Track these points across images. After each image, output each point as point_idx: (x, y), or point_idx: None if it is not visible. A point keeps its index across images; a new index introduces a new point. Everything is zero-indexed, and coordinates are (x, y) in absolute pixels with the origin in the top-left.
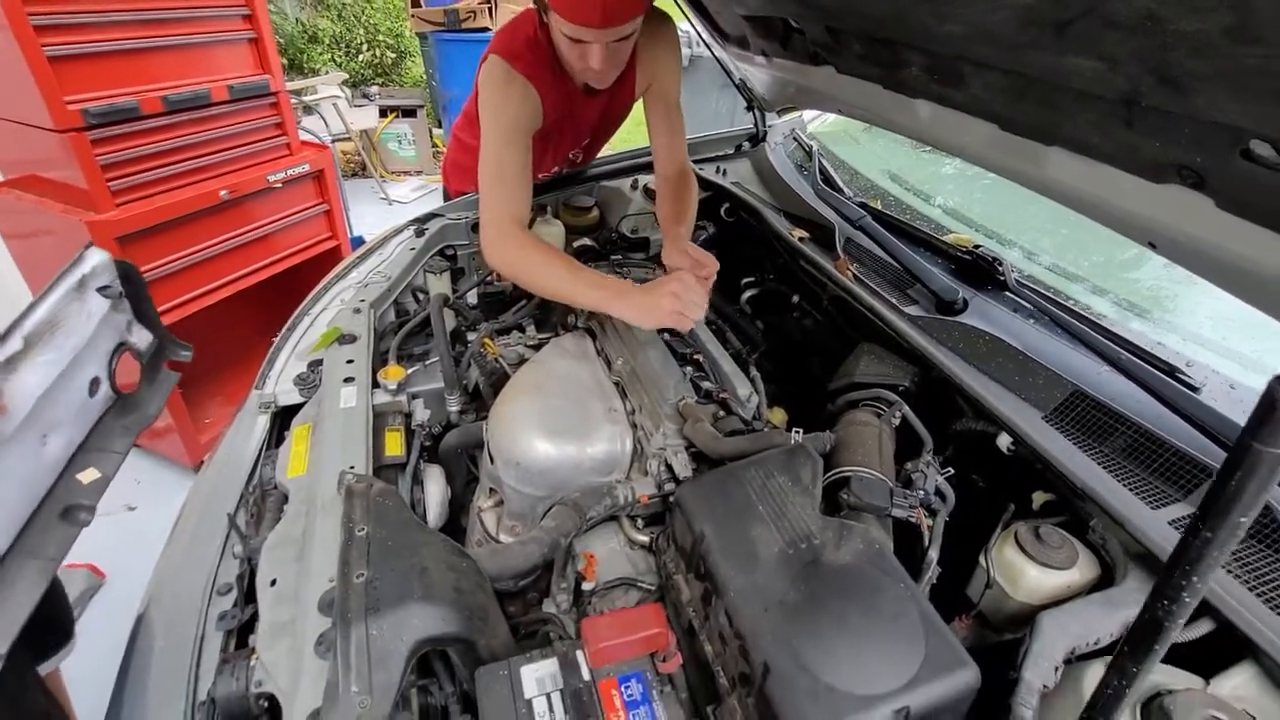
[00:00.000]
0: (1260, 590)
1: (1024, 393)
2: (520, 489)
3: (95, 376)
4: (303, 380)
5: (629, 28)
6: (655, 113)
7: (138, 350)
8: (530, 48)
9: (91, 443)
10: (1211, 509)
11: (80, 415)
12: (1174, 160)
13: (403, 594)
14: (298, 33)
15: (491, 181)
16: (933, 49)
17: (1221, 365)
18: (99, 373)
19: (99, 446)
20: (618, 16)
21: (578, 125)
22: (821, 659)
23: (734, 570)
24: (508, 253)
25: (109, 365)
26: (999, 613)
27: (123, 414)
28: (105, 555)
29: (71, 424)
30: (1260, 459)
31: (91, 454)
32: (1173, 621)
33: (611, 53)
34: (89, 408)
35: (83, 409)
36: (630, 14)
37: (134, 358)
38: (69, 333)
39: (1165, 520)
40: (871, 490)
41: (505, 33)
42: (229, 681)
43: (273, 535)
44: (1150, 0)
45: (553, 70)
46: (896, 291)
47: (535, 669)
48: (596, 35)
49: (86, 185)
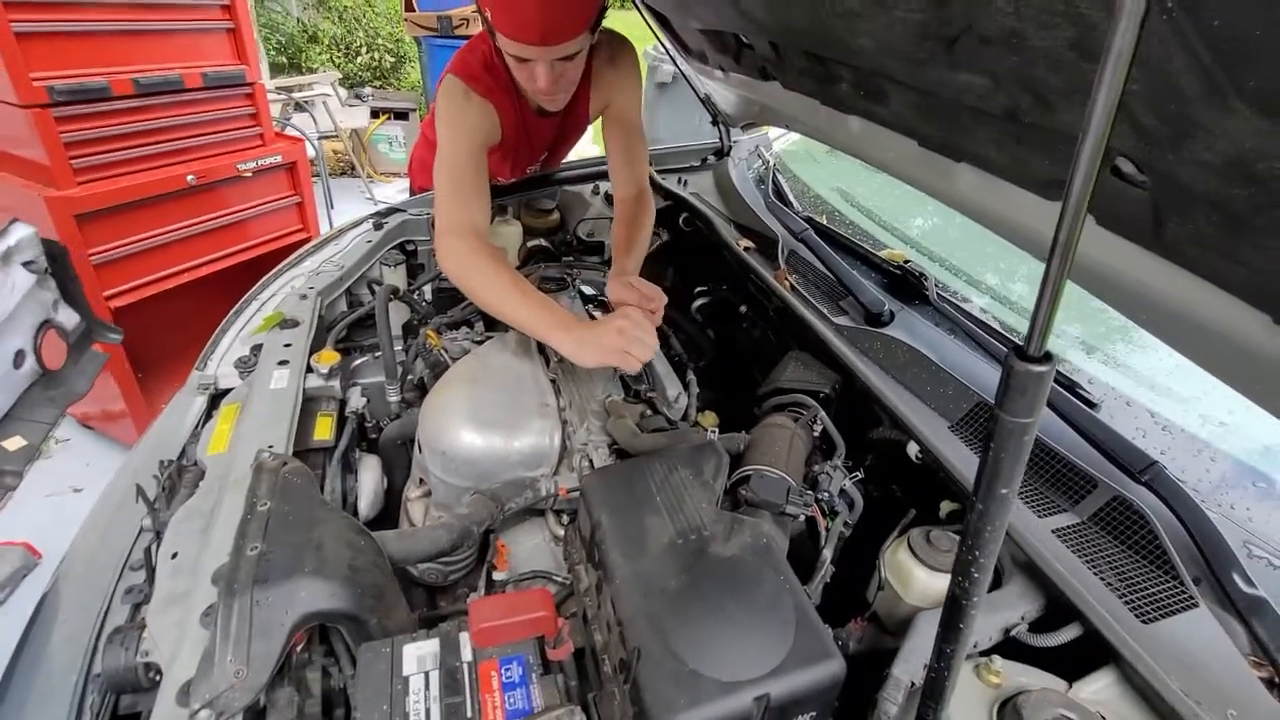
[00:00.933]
0: (1130, 600)
1: (934, 403)
2: (445, 479)
3: (20, 349)
4: (243, 363)
5: (572, 46)
6: (612, 135)
7: (64, 329)
8: (487, 69)
9: (16, 412)
10: (979, 483)
11: (3, 385)
12: (1059, 177)
13: (293, 567)
14: (298, 32)
15: (449, 190)
16: (855, 64)
17: (1120, 383)
18: (24, 345)
19: (23, 416)
20: (557, 35)
21: (533, 144)
22: (691, 645)
23: (623, 558)
24: (460, 260)
25: (34, 340)
26: (892, 615)
27: (49, 388)
28: (45, 535)
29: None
30: (1008, 428)
31: (16, 423)
32: (969, 599)
33: (558, 73)
34: (13, 378)
35: (6, 379)
36: (571, 32)
37: (60, 336)
38: None
39: (1049, 529)
40: (770, 488)
41: (462, 54)
42: (118, 652)
43: (182, 509)
44: (1011, 17)
45: (509, 91)
46: (829, 302)
47: (417, 648)
48: (539, 53)
49: (48, 161)
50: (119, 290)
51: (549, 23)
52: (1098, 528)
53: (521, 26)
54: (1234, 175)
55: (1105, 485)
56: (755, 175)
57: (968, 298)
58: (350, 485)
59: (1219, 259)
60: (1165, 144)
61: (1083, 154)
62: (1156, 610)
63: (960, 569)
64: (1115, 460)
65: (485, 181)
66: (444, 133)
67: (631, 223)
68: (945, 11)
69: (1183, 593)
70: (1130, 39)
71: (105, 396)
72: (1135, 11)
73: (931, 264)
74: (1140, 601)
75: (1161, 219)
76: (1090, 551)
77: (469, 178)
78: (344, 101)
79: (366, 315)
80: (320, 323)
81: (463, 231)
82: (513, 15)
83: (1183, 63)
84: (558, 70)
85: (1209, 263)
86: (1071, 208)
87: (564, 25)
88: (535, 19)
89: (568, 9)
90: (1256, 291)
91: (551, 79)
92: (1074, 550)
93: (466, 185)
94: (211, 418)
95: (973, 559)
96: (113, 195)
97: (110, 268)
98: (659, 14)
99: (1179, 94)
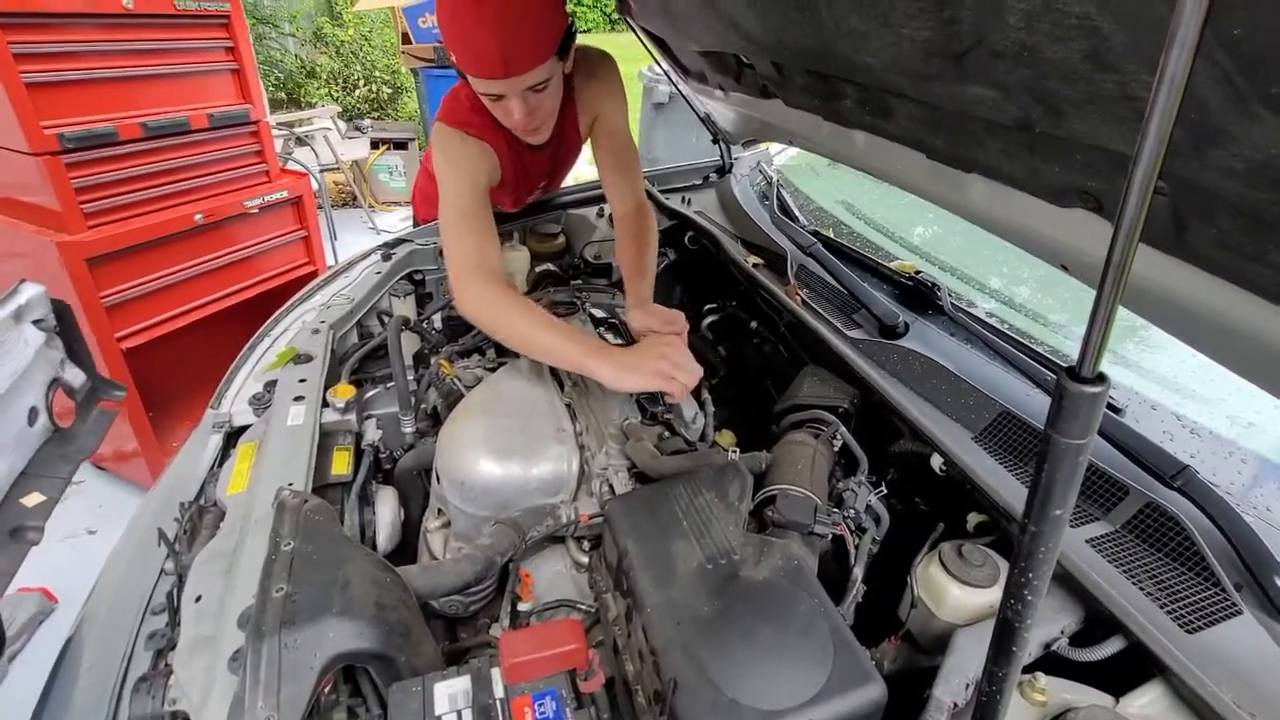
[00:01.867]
0: (1171, 609)
1: (955, 414)
2: (465, 509)
3: (34, 406)
4: (258, 400)
5: (539, 74)
6: (602, 149)
7: (71, 387)
8: (475, 111)
9: (33, 469)
10: (1032, 505)
11: (20, 442)
12: (1074, 185)
13: (320, 608)
14: (296, 68)
15: (456, 232)
16: (860, 80)
17: (1143, 387)
18: (37, 403)
19: (40, 472)
20: (519, 63)
21: (530, 174)
22: (728, 674)
23: (652, 585)
24: (485, 303)
25: (46, 398)
26: (926, 633)
27: (62, 445)
28: (61, 579)
29: (12, 449)
30: (1061, 449)
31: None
32: (1022, 622)
33: (532, 105)
34: (28, 436)
35: (22, 436)
36: (533, 60)
37: (67, 395)
38: (7, 359)
39: (1083, 539)
40: (796, 507)
41: (448, 102)
42: (144, 701)
43: (204, 551)
44: (1023, 32)
45: (499, 130)
46: (842, 316)
47: (449, 685)
48: (506, 87)
49: (59, 207)
50: (130, 331)
51: (508, 52)
52: (1132, 536)
53: (483, 61)
54: (1259, 180)
55: (1137, 492)
56: (758, 191)
57: (982, 305)
58: (368, 519)
59: (1244, 262)
60: (1188, 152)
61: (1135, 178)
62: (1200, 619)
63: (1012, 591)
64: (1145, 466)
65: (492, 221)
66: (447, 176)
67: (636, 239)
68: (954, 28)
69: (1225, 600)
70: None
71: (118, 437)
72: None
73: (942, 273)
74: (1182, 610)
75: (1183, 224)
76: (1126, 561)
77: (478, 219)
78: (344, 134)
79: (378, 347)
80: (333, 356)
81: (477, 274)
82: (473, 51)
83: (1204, 72)
84: (531, 102)
85: (1234, 266)
86: (1125, 228)
87: (524, 53)
88: (494, 52)
89: (526, 36)
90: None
91: (525, 111)
92: (1109, 560)
93: (477, 226)
94: (229, 456)
95: (1025, 581)
96: (123, 238)
97: (122, 309)
98: (656, 37)
99: (1200, 103)
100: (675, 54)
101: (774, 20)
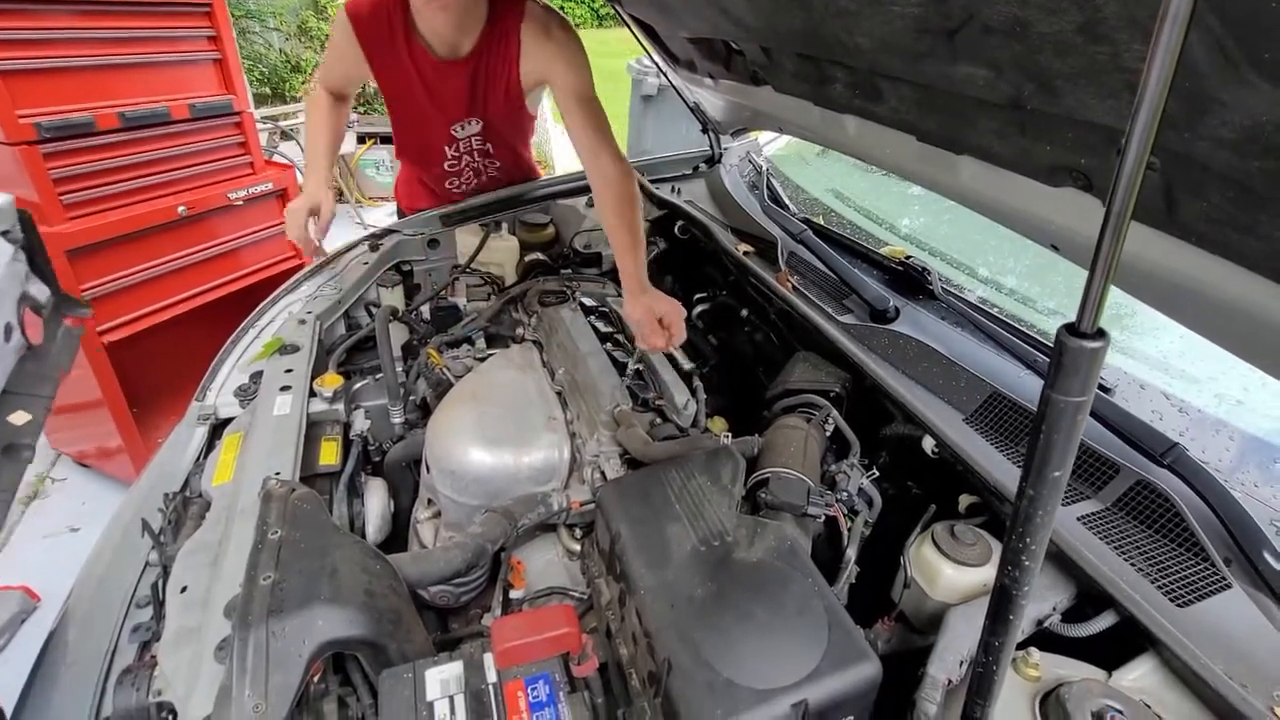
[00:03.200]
0: (1162, 584)
1: (946, 396)
2: (456, 498)
3: (7, 323)
4: (243, 391)
5: None
6: (569, 111)
7: (37, 303)
8: (373, 13)
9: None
10: (1030, 467)
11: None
12: (1064, 163)
13: (309, 595)
14: (281, 62)
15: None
16: (850, 63)
17: (1132, 367)
18: (9, 319)
19: (22, 390)
20: None
21: (448, 96)
22: (723, 654)
23: (646, 569)
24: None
25: (18, 313)
26: (920, 613)
27: (37, 363)
28: (44, 577)
29: None
30: (1060, 408)
31: (15, 398)
32: (1020, 589)
33: None
34: (4, 352)
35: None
36: None
37: (34, 311)
38: None
39: (1075, 516)
40: (789, 489)
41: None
42: (128, 693)
43: (189, 542)
44: (1015, 6)
45: (392, 34)
46: (833, 301)
47: (440, 671)
48: None
49: (38, 198)
50: (113, 324)
51: None
52: (1122, 513)
53: None
54: (1250, 149)
55: (1128, 470)
56: (748, 181)
57: (972, 290)
58: (357, 510)
59: (1236, 234)
60: (1179, 123)
61: (1137, 122)
62: (1190, 593)
63: (1010, 557)
64: (1135, 444)
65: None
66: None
67: (621, 207)
68: (945, 4)
69: (1215, 574)
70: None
71: (101, 433)
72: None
73: (932, 258)
74: (1172, 585)
75: (1174, 199)
76: (1117, 537)
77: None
78: None
79: (366, 337)
80: (320, 347)
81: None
82: None
83: (1194, 37)
84: None
85: (1225, 239)
86: (1127, 174)
87: None
88: None
89: None
90: (1277, 265)
91: None
92: (1101, 537)
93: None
94: (214, 448)
95: (1023, 546)
96: (104, 229)
97: (103, 302)
98: (645, 25)
99: (1192, 70)
100: (665, 42)
101: (764, 3)
